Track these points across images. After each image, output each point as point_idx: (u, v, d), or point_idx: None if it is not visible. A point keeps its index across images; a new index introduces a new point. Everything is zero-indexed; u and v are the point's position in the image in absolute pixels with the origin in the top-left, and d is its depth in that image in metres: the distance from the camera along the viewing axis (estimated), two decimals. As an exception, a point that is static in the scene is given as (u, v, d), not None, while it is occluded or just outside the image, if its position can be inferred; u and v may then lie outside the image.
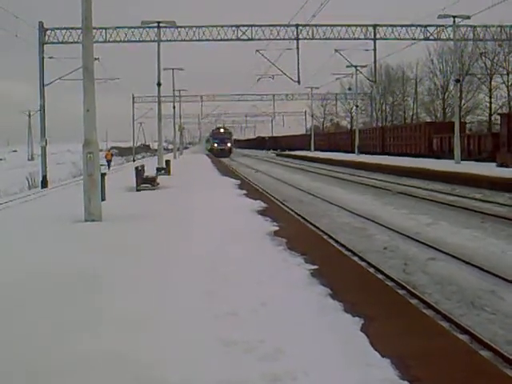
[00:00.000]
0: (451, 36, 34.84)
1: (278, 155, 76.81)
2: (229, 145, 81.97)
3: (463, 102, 61.36)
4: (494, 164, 29.76)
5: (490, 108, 60.45)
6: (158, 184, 22.18)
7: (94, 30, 26.01)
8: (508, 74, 58.52)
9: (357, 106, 60.86)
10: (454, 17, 32.53)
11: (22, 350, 4.78)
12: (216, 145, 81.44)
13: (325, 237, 12.43)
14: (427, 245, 11.78)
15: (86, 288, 6.71)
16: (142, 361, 4.55)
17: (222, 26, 33.98)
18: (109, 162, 55.08)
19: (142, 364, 4.49)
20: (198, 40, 33.97)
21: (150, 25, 32.05)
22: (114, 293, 6.53)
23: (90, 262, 8.01)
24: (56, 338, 5.08)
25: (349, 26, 35.09)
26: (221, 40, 34.05)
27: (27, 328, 5.40)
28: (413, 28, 34.91)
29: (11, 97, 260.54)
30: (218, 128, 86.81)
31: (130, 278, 7.18)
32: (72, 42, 32.30)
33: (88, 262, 8.01)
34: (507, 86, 59.36)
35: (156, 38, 32.60)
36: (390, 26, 35.25)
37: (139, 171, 21.77)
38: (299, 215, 16.31)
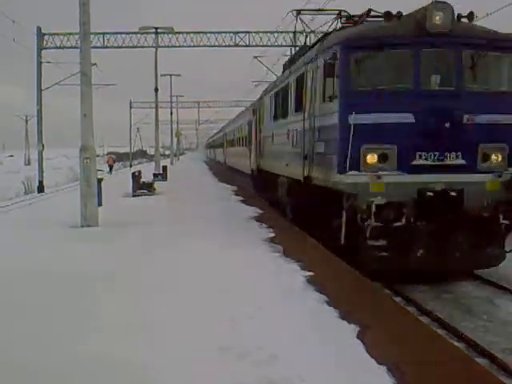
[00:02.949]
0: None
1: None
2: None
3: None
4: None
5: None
6: (155, 190, 22.15)
7: (92, 36, 26.12)
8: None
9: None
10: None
11: (19, 350, 4.77)
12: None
13: (320, 243, 12.39)
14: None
15: (81, 290, 6.69)
16: (136, 363, 4.53)
17: (220, 33, 34.01)
18: (110, 166, 55.16)
19: (136, 367, 4.48)
20: (196, 46, 33.98)
21: (148, 31, 32.12)
22: (111, 295, 6.51)
23: (85, 266, 7.99)
24: (53, 338, 5.07)
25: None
26: (218, 46, 34.05)
27: (24, 327, 5.39)
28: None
29: (9, 101, 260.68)
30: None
31: (126, 283, 7.16)
32: (70, 47, 32.26)
33: (82, 266, 7.99)
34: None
35: (154, 44, 32.66)
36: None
37: (136, 177, 21.76)
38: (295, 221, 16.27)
